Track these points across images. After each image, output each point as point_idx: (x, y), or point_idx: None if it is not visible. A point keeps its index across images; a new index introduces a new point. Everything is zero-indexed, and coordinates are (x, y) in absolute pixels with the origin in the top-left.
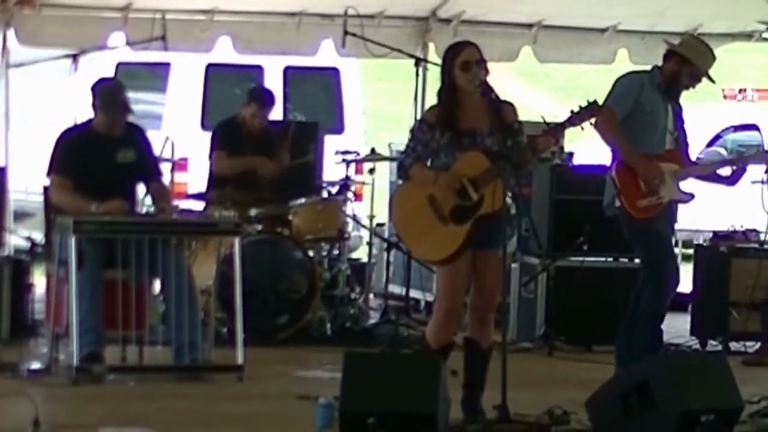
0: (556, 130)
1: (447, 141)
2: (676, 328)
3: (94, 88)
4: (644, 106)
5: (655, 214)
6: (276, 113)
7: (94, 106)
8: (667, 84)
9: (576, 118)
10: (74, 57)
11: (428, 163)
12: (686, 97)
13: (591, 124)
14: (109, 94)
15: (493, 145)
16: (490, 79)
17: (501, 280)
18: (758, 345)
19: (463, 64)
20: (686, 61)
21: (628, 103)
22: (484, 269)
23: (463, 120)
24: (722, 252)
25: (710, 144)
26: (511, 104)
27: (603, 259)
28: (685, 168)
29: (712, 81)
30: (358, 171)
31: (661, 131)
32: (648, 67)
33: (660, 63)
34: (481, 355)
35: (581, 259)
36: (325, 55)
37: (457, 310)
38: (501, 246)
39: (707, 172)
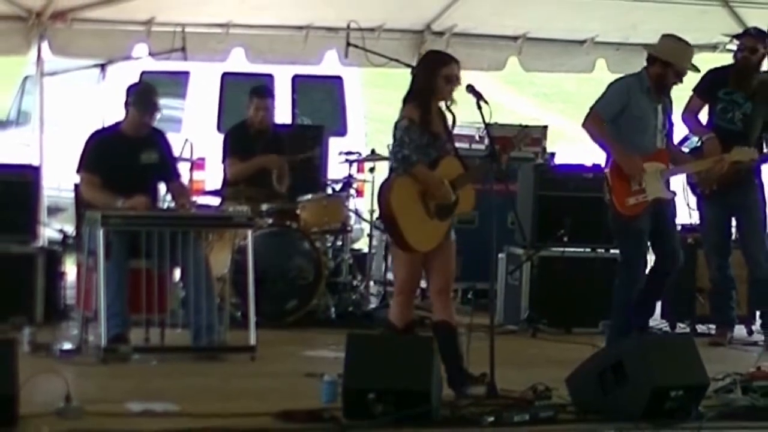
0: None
1: (425, 142)
2: None
3: (129, 89)
4: (633, 110)
5: (640, 211)
6: (285, 117)
7: (126, 104)
8: (655, 86)
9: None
10: (102, 66)
11: None
12: None
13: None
14: (143, 92)
15: (450, 150)
16: (481, 86)
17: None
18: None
19: (448, 77)
20: (669, 63)
21: (615, 107)
22: (447, 256)
23: (432, 123)
24: (689, 243)
25: (680, 144)
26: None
27: (582, 249)
28: (671, 167)
29: (697, 70)
30: (360, 170)
31: (651, 131)
32: (632, 72)
33: (636, 69)
34: (452, 331)
35: (562, 249)
36: (330, 64)
37: (414, 291)
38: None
39: (690, 170)
